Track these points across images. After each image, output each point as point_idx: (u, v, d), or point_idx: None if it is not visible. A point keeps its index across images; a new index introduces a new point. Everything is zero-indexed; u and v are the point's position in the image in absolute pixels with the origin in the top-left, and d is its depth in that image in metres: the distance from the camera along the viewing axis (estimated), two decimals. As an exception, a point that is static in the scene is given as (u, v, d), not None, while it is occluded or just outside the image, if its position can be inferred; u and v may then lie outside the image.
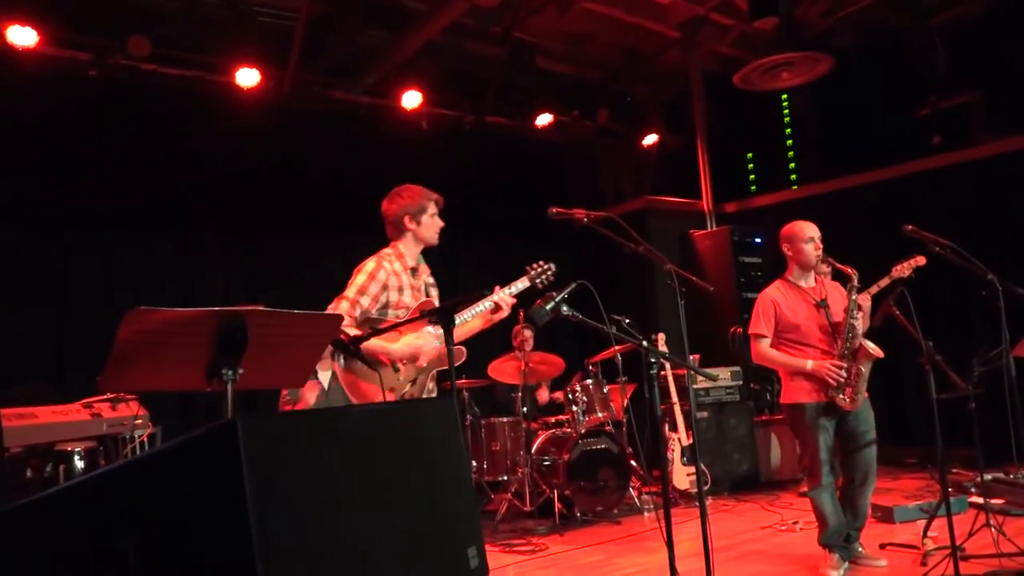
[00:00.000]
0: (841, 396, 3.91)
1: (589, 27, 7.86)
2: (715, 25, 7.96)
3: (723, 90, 8.06)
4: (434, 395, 3.42)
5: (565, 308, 2.61)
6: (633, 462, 6.19)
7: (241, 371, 2.20)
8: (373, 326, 3.07)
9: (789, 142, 8.78)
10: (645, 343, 2.84)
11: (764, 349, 4.16)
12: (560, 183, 8.95)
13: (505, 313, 3.37)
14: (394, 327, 2.93)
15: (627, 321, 6.39)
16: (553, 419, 6.27)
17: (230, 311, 2.13)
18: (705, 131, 8.54)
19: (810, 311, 4.08)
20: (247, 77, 6.20)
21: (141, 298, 6.16)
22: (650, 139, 8.47)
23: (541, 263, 3.61)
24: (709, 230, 8.33)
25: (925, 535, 4.15)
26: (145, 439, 4.40)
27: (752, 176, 9.13)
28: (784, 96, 8.69)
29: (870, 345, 3.85)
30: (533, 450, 5.84)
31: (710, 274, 8.04)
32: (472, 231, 7.99)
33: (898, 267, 4.63)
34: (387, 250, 3.42)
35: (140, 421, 4.13)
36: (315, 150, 7.03)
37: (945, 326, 6.67)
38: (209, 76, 6.38)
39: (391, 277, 3.29)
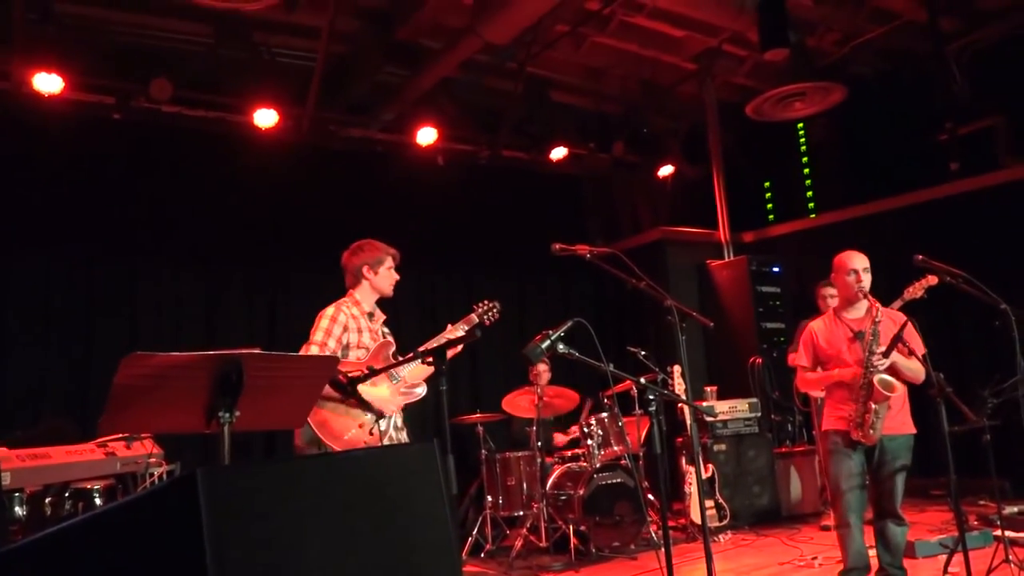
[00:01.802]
0: (857, 430, 3.86)
1: (604, 61, 7.94)
2: (729, 56, 7.99)
3: (739, 120, 8.07)
4: (404, 432, 3.59)
5: (561, 346, 2.62)
6: (651, 496, 6.12)
7: (238, 413, 2.23)
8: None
9: (807, 170, 8.75)
10: (642, 380, 2.83)
11: (805, 376, 4.26)
12: (577, 216, 8.98)
13: (457, 350, 3.55)
14: (393, 367, 2.98)
15: (643, 354, 6.39)
16: (569, 453, 6.24)
17: (226, 354, 2.18)
18: (721, 161, 8.54)
19: (844, 342, 4.05)
20: (265, 118, 6.34)
21: (166, 335, 6.29)
22: (666, 170, 8.49)
23: (486, 302, 3.92)
24: (726, 260, 8.30)
25: (945, 571, 4.06)
26: (163, 475, 4.46)
27: (770, 205, 9.10)
28: (800, 125, 8.68)
29: (884, 382, 3.78)
30: (548, 485, 5.82)
31: (728, 304, 8.01)
32: (489, 265, 8.06)
33: (910, 289, 4.57)
34: (344, 299, 3.73)
35: (154, 459, 4.19)
36: (333, 187, 7.13)
37: (961, 356, 6.58)
38: (229, 116, 6.53)
39: (350, 320, 3.58)
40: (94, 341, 6.00)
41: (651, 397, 2.79)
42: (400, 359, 3.26)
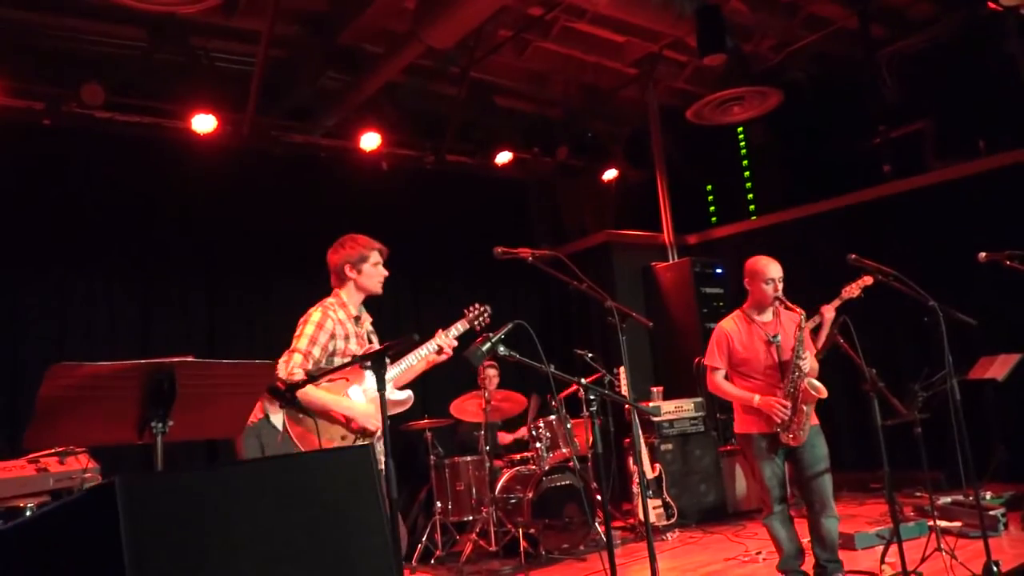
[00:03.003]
0: (785, 433, 3.95)
1: (547, 65, 7.99)
2: (670, 62, 8.12)
3: (681, 124, 8.20)
4: (380, 442, 3.41)
5: (502, 348, 2.62)
6: (599, 497, 6.16)
7: (171, 423, 2.18)
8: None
9: (747, 173, 8.94)
10: (583, 380, 2.85)
11: (718, 380, 4.25)
12: (524, 220, 9.01)
13: (447, 356, 3.46)
14: (332, 371, 2.92)
15: (590, 355, 6.45)
16: (518, 456, 6.25)
17: (157, 363, 2.13)
18: (664, 165, 8.67)
19: (760, 346, 4.14)
20: (203, 123, 6.22)
21: (100, 348, 6.09)
22: (610, 174, 8.58)
23: (477, 305, 3.73)
24: (671, 262, 8.42)
25: (882, 561, 4.17)
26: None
27: (712, 208, 9.27)
28: (740, 129, 8.86)
29: (813, 385, 3.88)
30: (497, 489, 5.81)
31: (672, 306, 8.13)
32: (437, 270, 8.04)
33: (847, 288, 4.71)
34: (330, 299, 3.47)
35: (90, 474, 4.06)
36: (275, 194, 7.03)
37: (897, 353, 6.79)
38: (166, 122, 6.39)
39: (337, 326, 3.33)
40: (25, 356, 5.79)
41: (592, 397, 2.81)
42: (336, 368, 3.15)
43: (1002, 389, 6.28)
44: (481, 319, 3.70)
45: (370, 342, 3.53)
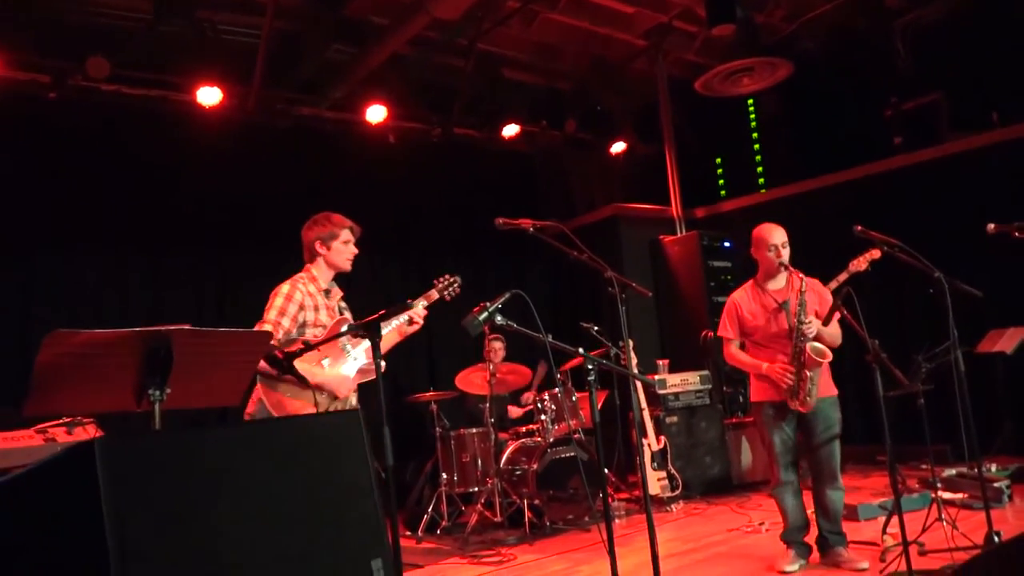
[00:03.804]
0: (793, 399, 3.95)
1: (555, 38, 7.92)
2: (680, 33, 8.03)
3: (691, 97, 8.12)
4: (357, 408, 3.52)
5: (499, 318, 2.62)
6: (605, 469, 6.19)
7: (169, 391, 2.20)
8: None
9: (757, 146, 8.85)
10: (581, 350, 2.85)
11: (732, 350, 4.29)
12: (531, 193, 8.98)
13: (419, 326, 3.61)
14: (322, 343, 2.97)
15: (596, 329, 6.45)
16: (524, 428, 6.28)
17: (154, 331, 2.14)
18: (673, 138, 8.60)
19: (770, 314, 4.13)
20: (209, 96, 6.21)
21: (109, 320, 6.15)
22: (618, 147, 8.52)
23: (447, 276, 3.83)
24: (678, 235, 8.38)
25: (884, 532, 4.18)
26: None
27: (721, 181, 9.20)
28: (750, 101, 8.77)
29: (815, 348, 3.88)
30: (503, 460, 5.85)
31: (680, 279, 8.11)
32: (443, 243, 8.04)
33: (854, 262, 4.64)
34: (301, 274, 3.62)
35: (98, 443, 4.10)
36: (283, 166, 7.04)
37: (905, 325, 6.76)
38: (171, 95, 6.39)
39: (306, 297, 3.48)
40: (32, 326, 5.84)
41: (589, 367, 2.82)
42: (327, 336, 3.23)
43: (1011, 362, 6.24)
44: (451, 289, 3.82)
45: (341, 314, 3.65)
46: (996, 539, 3.70)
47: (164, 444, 1.37)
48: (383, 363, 3.46)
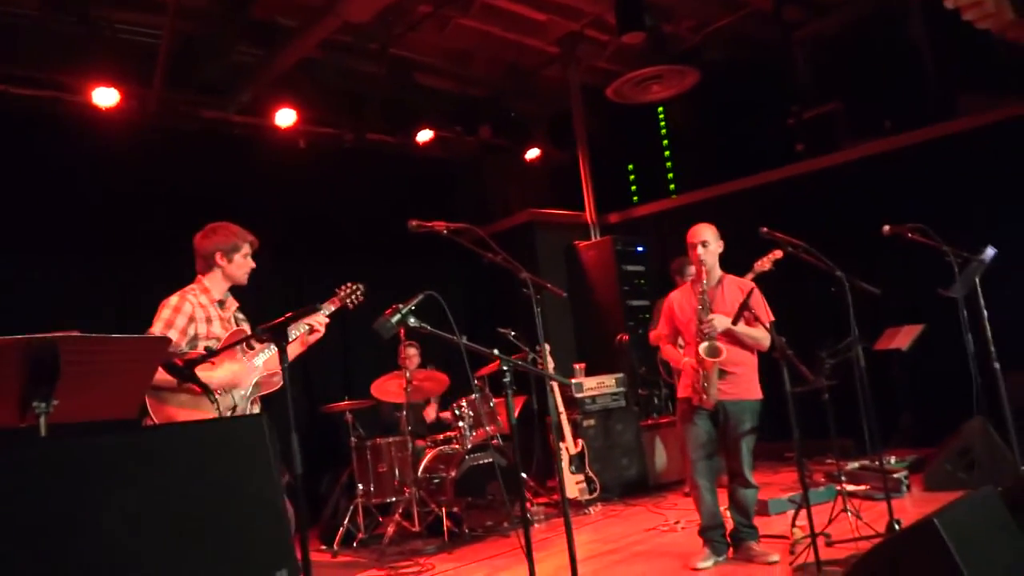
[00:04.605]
0: (697, 395, 4.06)
1: (469, 43, 7.91)
2: (592, 41, 8.13)
3: (604, 104, 8.24)
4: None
5: (412, 320, 2.56)
6: (523, 474, 6.18)
7: (56, 403, 2.06)
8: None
9: (667, 153, 9.05)
10: (496, 351, 2.82)
11: (664, 347, 4.47)
12: (447, 200, 8.91)
13: (320, 334, 3.48)
14: (225, 348, 2.84)
15: (513, 334, 6.45)
16: (442, 436, 6.21)
17: (39, 338, 2.00)
18: (587, 144, 8.70)
19: (694, 312, 4.21)
20: (105, 97, 5.93)
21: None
22: (532, 153, 8.57)
23: (350, 284, 3.77)
24: (593, 240, 8.48)
25: (793, 525, 4.30)
26: None
27: (634, 187, 9.37)
28: (660, 109, 8.96)
29: (705, 347, 3.99)
30: (421, 469, 5.76)
31: (595, 283, 8.20)
32: (358, 250, 7.89)
33: (758, 262, 4.82)
34: (192, 285, 3.45)
35: None
36: (187, 171, 6.76)
37: (810, 323, 6.99)
38: (65, 96, 6.07)
39: (197, 309, 3.32)
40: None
41: (505, 370, 2.79)
42: (233, 341, 3.09)
43: (906, 358, 6.55)
44: (354, 297, 3.76)
45: (238, 325, 3.51)
46: (896, 527, 3.86)
47: (41, 451, 1.26)
48: (279, 376, 3.38)
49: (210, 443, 1.52)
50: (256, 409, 3.42)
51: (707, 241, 4.23)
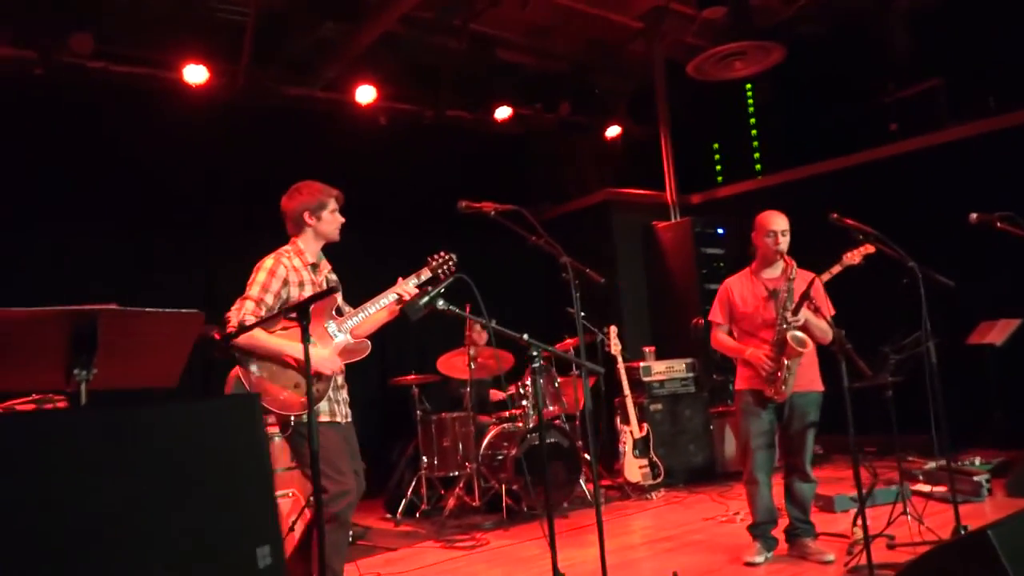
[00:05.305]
0: (769, 387, 3.92)
1: (551, 19, 7.80)
2: (678, 15, 7.90)
3: (688, 80, 7.99)
4: (344, 391, 3.40)
5: (441, 303, 2.58)
6: (586, 455, 6.17)
7: (95, 371, 2.18)
8: (271, 327, 3.07)
9: (754, 132, 8.73)
10: (526, 336, 2.81)
11: (718, 335, 4.28)
12: (523, 177, 8.90)
13: (394, 312, 3.43)
14: (262, 321, 2.89)
15: (583, 314, 6.39)
16: (507, 413, 6.26)
17: (78, 310, 2.12)
18: (669, 122, 8.49)
19: (759, 301, 4.09)
20: (195, 74, 6.17)
21: (91, 298, 6.13)
22: (613, 130, 8.43)
23: (442, 254, 3.67)
24: (672, 221, 8.30)
25: (854, 524, 4.13)
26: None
27: (719, 167, 9.09)
28: (748, 85, 8.64)
29: (796, 337, 3.82)
30: (483, 445, 5.83)
31: (672, 266, 8.04)
32: (434, 226, 7.97)
33: (848, 254, 4.55)
34: (286, 247, 3.42)
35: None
36: (271, 147, 6.98)
37: (883, 316, 6.66)
38: (158, 73, 6.35)
39: (291, 273, 3.28)
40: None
41: (534, 354, 2.78)
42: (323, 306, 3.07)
43: (1001, 354, 6.16)
44: (445, 267, 3.64)
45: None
46: (962, 533, 3.65)
47: (19, 426, 1.33)
48: (368, 343, 3.41)
49: (203, 421, 1.58)
50: (341, 379, 3.39)
51: (787, 230, 4.08)
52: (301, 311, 2.35)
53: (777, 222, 4.10)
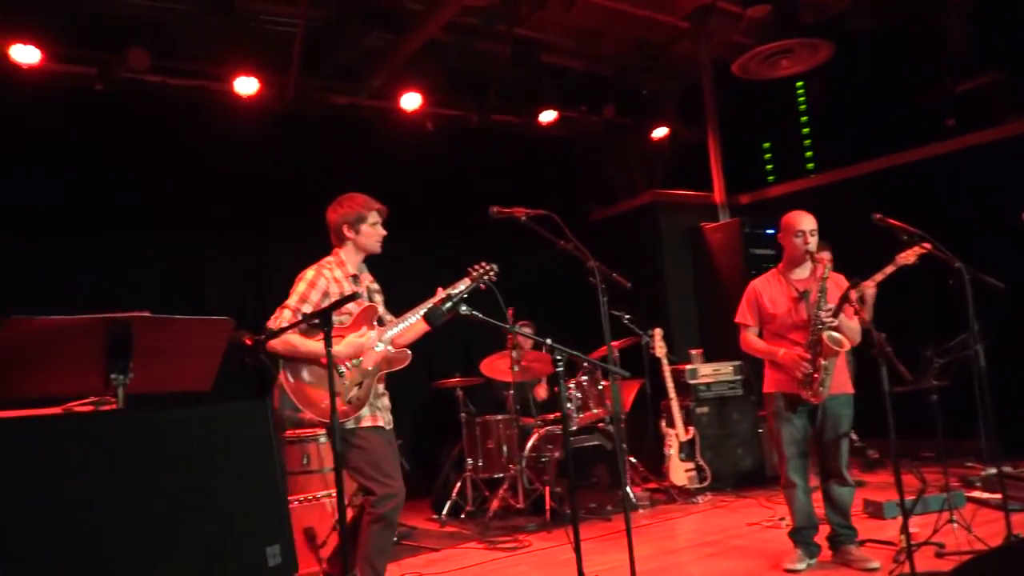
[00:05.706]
0: (806, 389, 3.85)
1: (596, 21, 7.80)
2: (724, 14, 7.80)
3: (736, 79, 7.88)
4: (385, 398, 3.46)
5: (464, 308, 2.62)
6: (632, 459, 6.15)
7: (132, 375, 2.28)
8: (311, 334, 3.15)
9: (805, 130, 8.56)
10: (549, 341, 2.83)
11: (747, 337, 4.20)
12: (569, 180, 8.89)
13: (450, 314, 3.43)
14: (289, 328, 2.96)
15: (627, 317, 6.38)
16: (552, 416, 6.27)
17: (113, 318, 2.22)
18: (717, 122, 8.40)
19: (789, 303, 4.03)
20: (246, 85, 6.35)
21: (152, 304, 6.35)
22: (660, 132, 8.37)
23: (483, 264, 3.65)
24: (720, 222, 8.20)
25: (902, 531, 4.02)
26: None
27: (769, 166, 8.94)
28: (799, 83, 8.48)
29: (833, 337, 3.75)
30: (527, 447, 5.86)
31: (720, 267, 7.95)
32: (479, 231, 8.01)
33: (902, 255, 4.44)
34: (328, 258, 3.49)
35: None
36: (320, 155, 7.13)
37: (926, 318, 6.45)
38: (211, 85, 6.55)
39: (331, 284, 3.34)
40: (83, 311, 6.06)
41: (558, 359, 2.79)
42: (363, 316, 3.12)
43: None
44: (486, 277, 3.62)
45: (372, 300, 3.52)
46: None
47: (59, 426, 1.41)
48: (409, 352, 3.45)
49: (216, 425, 1.64)
50: (381, 387, 3.42)
51: (815, 229, 4.02)
52: (323, 318, 2.41)
53: (805, 222, 4.04)
